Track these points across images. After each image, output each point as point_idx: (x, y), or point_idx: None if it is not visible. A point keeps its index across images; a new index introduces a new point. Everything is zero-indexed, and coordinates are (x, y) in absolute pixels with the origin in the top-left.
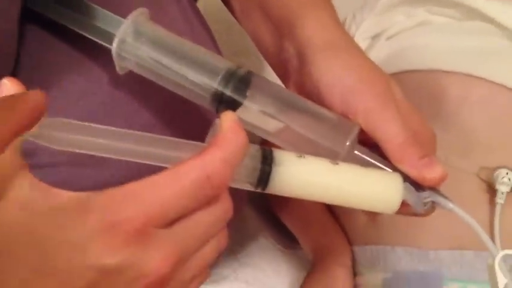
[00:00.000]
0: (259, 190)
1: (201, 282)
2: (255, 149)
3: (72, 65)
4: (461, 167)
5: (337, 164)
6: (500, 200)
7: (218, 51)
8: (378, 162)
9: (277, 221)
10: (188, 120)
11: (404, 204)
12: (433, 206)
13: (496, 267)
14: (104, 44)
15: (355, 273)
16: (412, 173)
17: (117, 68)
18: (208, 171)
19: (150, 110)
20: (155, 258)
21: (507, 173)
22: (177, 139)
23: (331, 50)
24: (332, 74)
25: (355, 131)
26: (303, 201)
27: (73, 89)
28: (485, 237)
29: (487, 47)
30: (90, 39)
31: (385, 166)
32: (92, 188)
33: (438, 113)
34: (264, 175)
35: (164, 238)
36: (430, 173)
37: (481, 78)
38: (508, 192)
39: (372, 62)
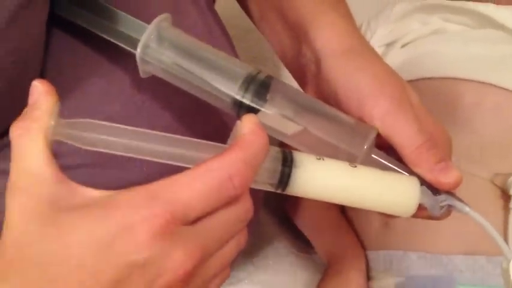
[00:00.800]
0: (279, 191)
1: (223, 280)
2: (276, 150)
3: (94, 67)
4: (476, 173)
5: (355, 166)
6: None
7: (236, 56)
8: (395, 166)
9: (292, 225)
10: (209, 124)
11: (420, 207)
12: (449, 210)
13: (511, 270)
14: (127, 48)
15: (368, 278)
16: (429, 177)
17: (141, 73)
18: (230, 172)
19: (171, 113)
20: (179, 255)
21: None
22: (199, 140)
23: (346, 56)
24: (348, 79)
25: (373, 135)
26: (318, 206)
27: (95, 91)
28: (500, 240)
29: (500, 55)
30: (112, 43)
31: (402, 170)
32: (116, 188)
33: (453, 120)
34: (284, 176)
35: (187, 236)
36: (446, 178)
37: (495, 86)
38: None
39: (388, 67)
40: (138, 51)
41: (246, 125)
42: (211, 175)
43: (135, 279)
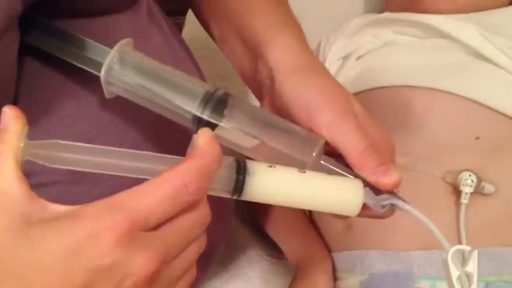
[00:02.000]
0: (235, 197)
1: (189, 281)
2: (231, 160)
3: (64, 91)
4: (429, 172)
5: (304, 172)
6: (464, 200)
7: (201, 77)
8: (342, 170)
9: (264, 233)
10: (174, 139)
11: (365, 207)
12: (392, 208)
13: (449, 261)
14: (93, 72)
15: (335, 279)
16: (371, 179)
17: (106, 93)
18: (185, 180)
19: (138, 130)
20: (141, 259)
21: (470, 175)
22: (160, 154)
23: (297, 72)
24: (298, 93)
25: (321, 143)
26: (285, 213)
27: (66, 114)
28: (438, 234)
29: (447, 62)
30: (81, 68)
31: (348, 174)
32: (86, 203)
33: (406, 124)
34: (239, 184)
35: (149, 240)
36: (386, 179)
37: (443, 91)
38: (471, 193)
39: (334, 81)
40: (102, 74)
41: (201, 137)
42: (168, 184)
43: (102, 283)
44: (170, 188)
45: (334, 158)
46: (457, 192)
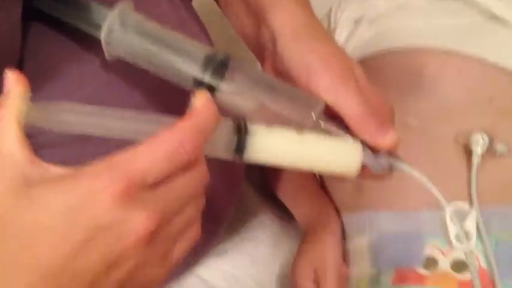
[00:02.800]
0: (236, 159)
1: (191, 241)
2: (231, 121)
3: (68, 54)
4: (440, 134)
5: (302, 133)
6: (476, 161)
7: (210, 42)
8: (341, 132)
9: (275, 196)
10: (178, 102)
11: (365, 168)
12: (391, 168)
13: (448, 219)
14: (94, 34)
15: (344, 239)
16: (369, 140)
17: (106, 55)
18: (181, 138)
19: (142, 93)
20: (140, 217)
21: (482, 136)
22: (160, 115)
23: (299, 36)
24: (299, 57)
25: (320, 106)
26: (295, 176)
27: (71, 78)
28: (437, 193)
29: (461, 24)
30: (83, 31)
31: (348, 135)
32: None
33: (418, 86)
34: (240, 144)
35: (147, 199)
36: (384, 140)
37: (457, 52)
38: (483, 154)
39: (335, 46)
40: (102, 35)
41: (197, 99)
42: (164, 143)
43: (101, 241)
44: (166, 147)
45: (334, 120)
46: (468, 153)
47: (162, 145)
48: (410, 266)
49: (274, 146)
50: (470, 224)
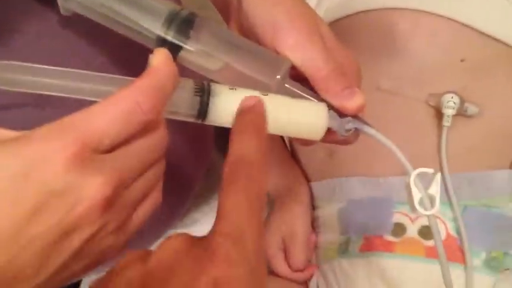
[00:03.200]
0: (199, 121)
1: (151, 206)
2: (193, 82)
3: (29, 10)
4: (412, 96)
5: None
6: (446, 123)
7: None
8: (307, 94)
9: None
10: (144, 60)
11: (330, 132)
12: (356, 133)
13: (412, 183)
14: None
15: (313, 208)
16: (335, 102)
17: (61, 9)
18: (138, 98)
19: (106, 50)
20: (95, 182)
21: (452, 97)
22: (113, 75)
23: None
24: (263, 13)
25: (286, 66)
26: None
27: (30, 31)
28: (402, 158)
29: None
30: None
31: (314, 98)
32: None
33: (391, 47)
34: (203, 106)
35: (103, 163)
36: (350, 103)
37: (428, 12)
38: (454, 116)
39: (301, 2)
40: None
41: (155, 57)
42: (120, 103)
43: (53, 207)
44: (123, 107)
45: (299, 81)
46: (439, 115)
47: (117, 105)
48: (379, 233)
49: (237, 107)
50: (435, 189)
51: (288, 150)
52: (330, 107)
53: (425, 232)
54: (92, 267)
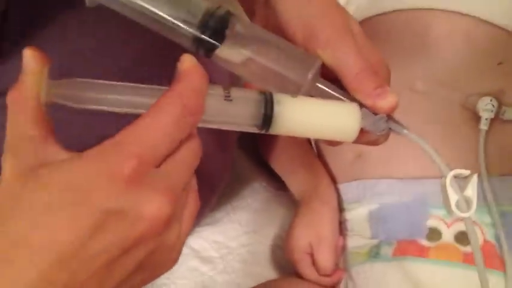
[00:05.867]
0: (263, 132)
1: (195, 213)
2: (256, 92)
3: (61, 8)
4: (448, 97)
5: (295, 97)
6: (484, 126)
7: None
8: (338, 93)
9: (268, 164)
10: (176, 55)
11: (362, 132)
12: (387, 133)
13: (448, 185)
14: None
15: (341, 210)
16: (367, 102)
17: (86, 1)
18: (182, 101)
19: (137, 46)
20: (156, 200)
21: (491, 100)
22: (151, 86)
23: None
24: (294, 9)
25: (317, 64)
26: (288, 144)
27: (65, 30)
28: (437, 158)
29: None
30: None
31: (345, 97)
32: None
33: (424, 48)
34: (267, 116)
35: (160, 178)
36: (383, 102)
37: (464, 14)
38: (491, 119)
39: None
40: None
41: (183, 63)
42: (168, 109)
43: (113, 225)
44: (172, 113)
45: (330, 81)
46: (476, 118)
47: (165, 111)
48: (413, 237)
49: (300, 116)
50: (471, 191)
51: (314, 151)
52: (362, 106)
53: (462, 238)
54: (150, 280)
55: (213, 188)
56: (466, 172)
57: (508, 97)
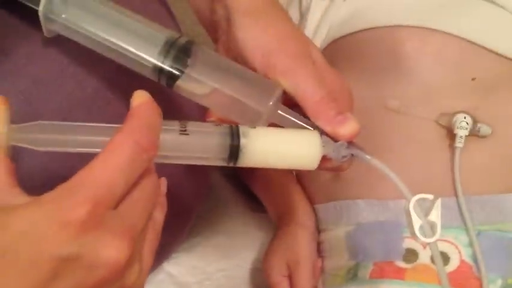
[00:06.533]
0: (231, 165)
1: (155, 247)
2: (222, 127)
3: (18, 33)
4: (421, 115)
5: (254, 127)
6: (459, 144)
7: (174, 20)
8: (300, 121)
9: (246, 186)
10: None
11: (325, 159)
12: (351, 159)
13: (411, 210)
14: (33, 7)
15: (319, 231)
16: (327, 129)
17: (44, 31)
18: (135, 138)
19: (102, 72)
20: (113, 245)
21: (465, 117)
22: (102, 125)
23: (253, 14)
24: (253, 36)
25: (278, 92)
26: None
27: (19, 53)
28: (401, 185)
29: (441, 1)
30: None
31: (307, 124)
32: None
33: (397, 66)
34: (234, 149)
35: (116, 220)
36: (343, 129)
37: (436, 30)
38: (466, 136)
39: (292, 26)
40: (40, 8)
41: (135, 99)
42: (119, 149)
43: (71, 271)
44: (125, 151)
45: (291, 107)
46: (451, 135)
47: (118, 150)
48: (390, 258)
49: (263, 147)
50: (435, 215)
51: (292, 172)
52: (323, 133)
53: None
54: None
55: (187, 216)
56: (430, 196)
57: (482, 113)
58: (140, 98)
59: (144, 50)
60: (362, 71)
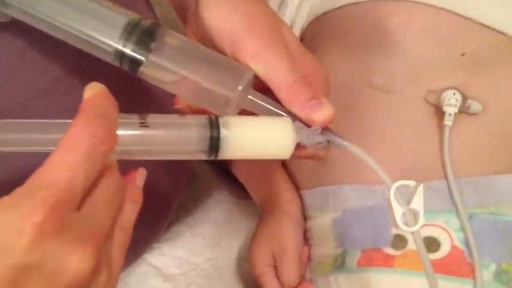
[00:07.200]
0: (212, 158)
1: (125, 246)
2: (202, 118)
3: None
4: (409, 93)
5: (221, 116)
6: (448, 122)
7: (151, 11)
8: (272, 106)
9: (230, 173)
10: (106, 67)
11: (300, 146)
12: (327, 146)
13: (392, 198)
14: None
15: (305, 218)
16: (301, 114)
17: None
18: (89, 130)
19: (64, 58)
20: (77, 252)
21: (454, 94)
22: (57, 121)
23: None
24: (221, 18)
25: (248, 76)
26: None
27: None
28: (380, 171)
29: None
30: None
31: (280, 110)
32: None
33: (381, 41)
34: (214, 141)
35: (79, 225)
36: (318, 115)
37: (423, 4)
38: (456, 114)
39: (263, 6)
40: None
41: (88, 91)
42: (75, 143)
43: (32, 281)
44: (79, 145)
45: (263, 92)
46: (440, 113)
47: (75, 144)
48: (378, 245)
49: (248, 139)
50: (417, 203)
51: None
52: (297, 118)
53: (429, 243)
54: None
55: (166, 207)
56: (412, 182)
57: (472, 89)
58: (93, 89)
59: (103, 33)
60: (346, 49)
